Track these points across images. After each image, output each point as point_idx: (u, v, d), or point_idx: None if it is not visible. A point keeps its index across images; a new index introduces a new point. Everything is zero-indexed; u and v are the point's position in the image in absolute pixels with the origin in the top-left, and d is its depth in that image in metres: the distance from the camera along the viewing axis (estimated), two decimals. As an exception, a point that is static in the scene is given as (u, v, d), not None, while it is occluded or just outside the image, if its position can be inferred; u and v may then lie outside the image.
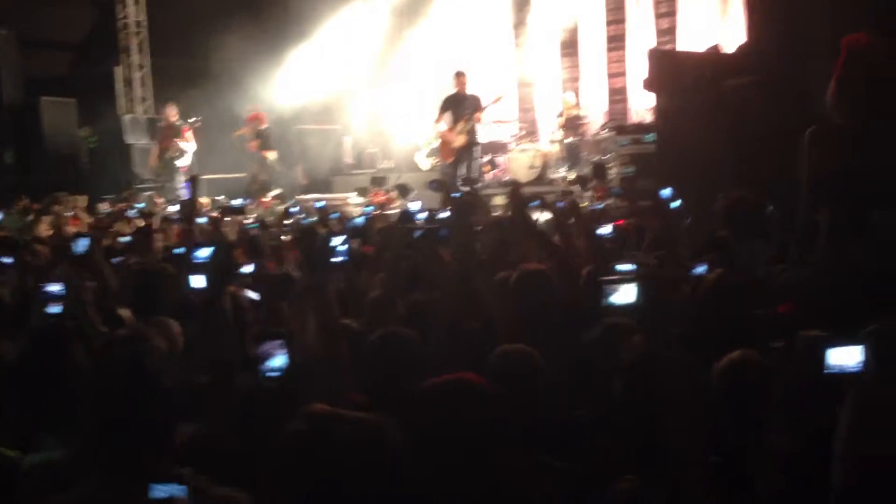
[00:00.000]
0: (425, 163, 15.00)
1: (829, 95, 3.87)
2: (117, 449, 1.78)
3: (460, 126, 11.00)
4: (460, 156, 11.09)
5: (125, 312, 3.25)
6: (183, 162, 12.52)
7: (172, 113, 12.47)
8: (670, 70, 8.39)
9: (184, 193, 12.74)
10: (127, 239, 6.04)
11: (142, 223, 7.82)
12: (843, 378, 1.72)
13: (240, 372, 2.28)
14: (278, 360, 2.03)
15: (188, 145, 12.54)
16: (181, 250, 4.44)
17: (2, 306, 3.80)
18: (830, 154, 3.91)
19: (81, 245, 3.43)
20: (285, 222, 6.60)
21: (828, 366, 1.72)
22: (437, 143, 13.19)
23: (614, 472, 2.08)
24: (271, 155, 12.48)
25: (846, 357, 1.72)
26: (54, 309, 2.86)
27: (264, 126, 12.53)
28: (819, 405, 1.75)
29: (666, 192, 4.96)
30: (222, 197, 11.58)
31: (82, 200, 9.23)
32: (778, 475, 1.74)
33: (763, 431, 1.91)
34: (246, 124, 12.49)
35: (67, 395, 2.08)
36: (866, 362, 1.68)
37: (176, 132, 12.34)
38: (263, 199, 10.80)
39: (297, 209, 6.38)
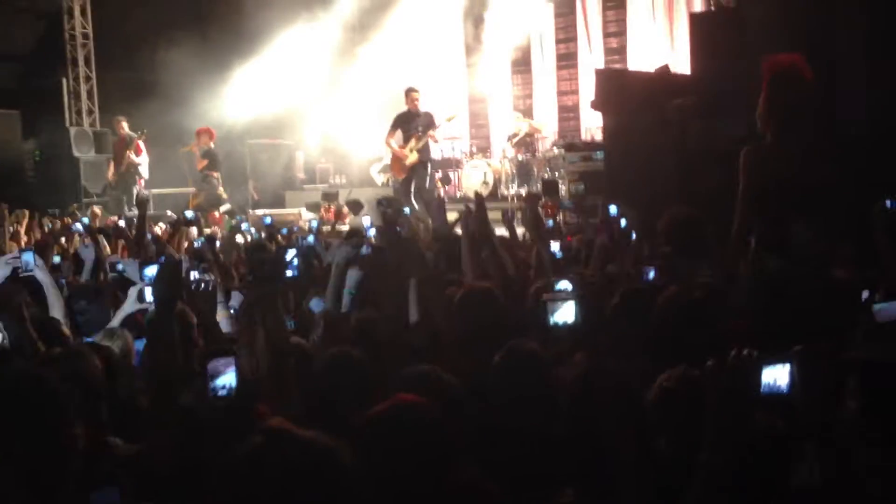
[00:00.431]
0: (379, 178, 15.03)
1: (758, 115, 4.01)
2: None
3: (412, 143, 11.04)
4: (412, 172, 11.11)
5: (65, 330, 3.20)
6: (141, 174, 12.57)
7: (123, 126, 12.47)
8: (618, 89, 8.54)
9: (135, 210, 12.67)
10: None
11: (87, 239, 7.69)
12: (776, 398, 1.75)
13: (185, 389, 2.27)
14: (227, 378, 2.00)
15: (142, 157, 12.58)
16: (121, 268, 4.39)
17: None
18: (762, 171, 4.04)
19: (26, 261, 3.34)
20: (237, 238, 6.55)
21: (763, 385, 1.75)
22: (388, 160, 13.23)
23: (554, 486, 2.12)
24: (216, 175, 12.36)
25: (779, 376, 1.75)
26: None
27: (211, 145, 12.43)
28: (751, 424, 1.77)
29: (612, 208, 5.06)
30: (168, 211, 11.45)
31: (24, 215, 9.00)
32: (709, 494, 1.77)
33: (696, 449, 1.96)
34: (194, 139, 12.38)
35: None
36: (792, 384, 1.72)
37: (128, 145, 12.38)
38: (214, 214, 10.69)
39: (246, 225, 6.35)
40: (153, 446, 1.96)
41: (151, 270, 2.94)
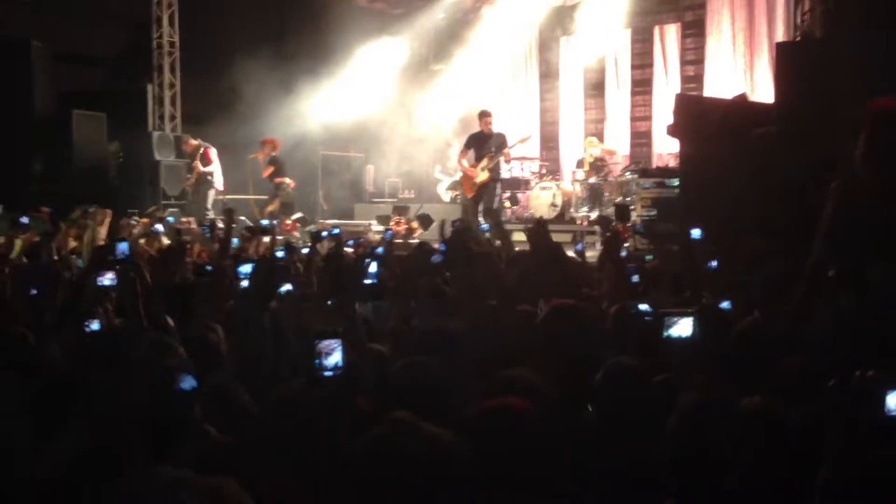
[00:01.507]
0: (446, 195, 15.13)
1: (857, 154, 3.92)
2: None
3: (484, 162, 11.09)
4: (481, 191, 11.16)
5: (168, 320, 3.29)
6: (216, 183, 12.98)
7: (190, 142, 13.06)
8: (696, 115, 8.44)
9: (212, 214, 13.05)
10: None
11: (166, 240, 7.90)
12: None
13: (273, 384, 2.31)
14: (335, 358, 2.03)
15: (213, 166, 13.00)
16: (209, 268, 4.49)
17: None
18: (852, 206, 3.94)
19: (121, 249, 3.44)
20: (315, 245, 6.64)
21: (888, 408, 1.70)
22: (458, 177, 13.31)
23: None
24: (287, 181, 12.66)
25: None
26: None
27: (276, 153, 12.72)
28: (877, 447, 1.73)
29: (696, 232, 4.98)
30: (243, 218, 11.70)
31: (107, 214, 9.30)
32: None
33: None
34: (260, 148, 12.70)
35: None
36: None
37: (194, 156, 12.84)
38: (286, 222, 10.89)
39: (325, 233, 6.44)
40: (253, 436, 2.00)
41: (246, 268, 3.02)
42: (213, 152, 13.13)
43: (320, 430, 1.97)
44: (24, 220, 7.39)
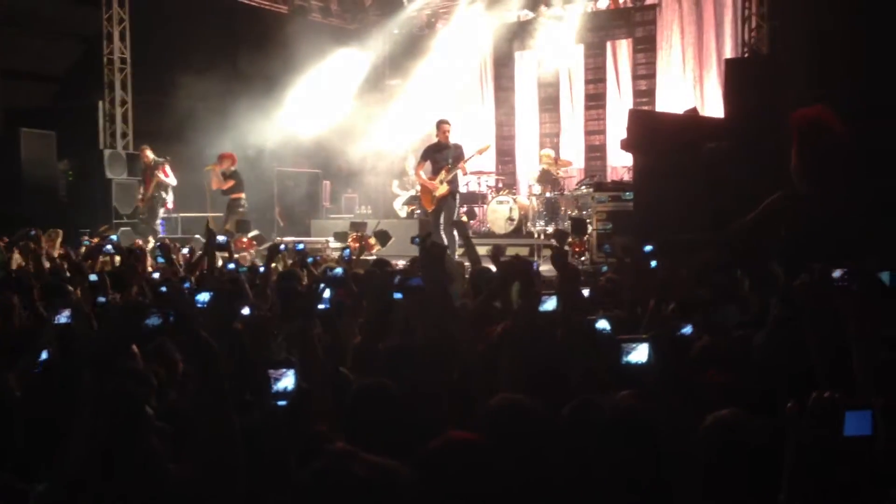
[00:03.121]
0: (402, 211, 15.13)
1: (792, 168, 4.03)
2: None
3: (442, 174, 11.10)
4: (441, 204, 11.17)
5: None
6: (166, 199, 12.90)
7: (147, 154, 12.84)
8: (649, 130, 8.58)
9: (160, 231, 12.88)
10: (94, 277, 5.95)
11: (116, 259, 7.76)
12: (859, 442, 1.70)
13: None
14: (286, 382, 2.01)
15: (170, 179, 12.88)
16: (164, 288, 4.42)
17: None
18: (793, 221, 4.04)
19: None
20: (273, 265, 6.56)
21: (847, 429, 1.70)
22: (415, 191, 13.32)
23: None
24: (242, 198, 12.54)
25: (861, 422, 1.70)
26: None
27: (234, 167, 12.59)
28: (835, 470, 1.74)
29: (648, 248, 5.05)
30: (197, 235, 11.55)
31: (58, 234, 9.13)
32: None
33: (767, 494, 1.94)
34: (218, 162, 12.56)
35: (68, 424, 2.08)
36: (875, 427, 1.68)
37: (153, 171, 12.72)
38: (242, 239, 10.77)
39: (283, 247, 6.39)
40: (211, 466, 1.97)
41: (203, 296, 2.98)
42: (168, 169, 13.00)
43: (273, 460, 1.95)
44: None
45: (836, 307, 2.44)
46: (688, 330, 3.30)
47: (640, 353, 2.53)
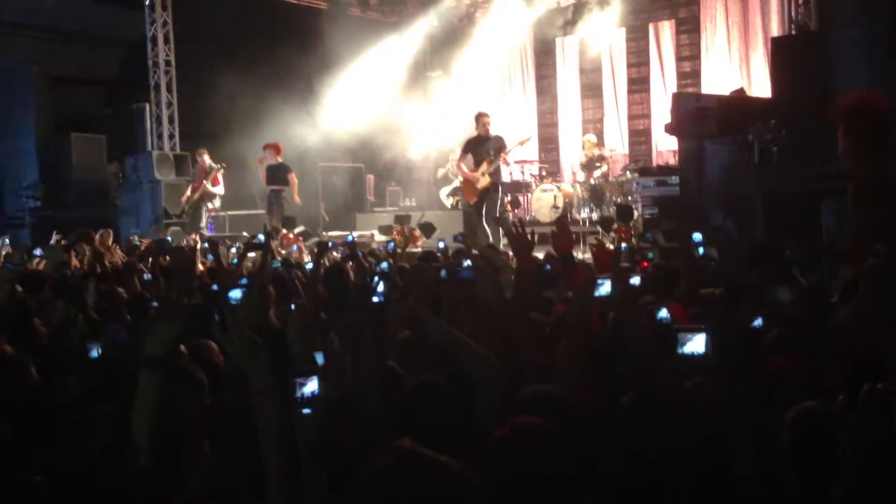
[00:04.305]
0: (448, 201, 15.12)
1: (841, 153, 3.93)
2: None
3: (484, 166, 11.07)
4: (484, 195, 11.14)
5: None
6: (214, 204, 13.01)
7: (205, 158, 12.92)
8: (694, 112, 8.44)
9: (208, 231, 13.05)
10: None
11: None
12: None
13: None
14: (311, 387, 2.01)
15: (219, 188, 12.99)
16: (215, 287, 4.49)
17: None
18: (877, 202, 3.92)
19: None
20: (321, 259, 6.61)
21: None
22: (458, 183, 13.30)
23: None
24: (284, 192, 12.54)
25: None
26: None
27: (279, 159, 12.63)
28: (888, 461, 1.69)
29: (697, 236, 4.97)
30: (244, 233, 11.70)
31: (109, 235, 9.35)
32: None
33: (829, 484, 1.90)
34: (264, 152, 12.65)
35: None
36: None
37: (207, 175, 12.81)
38: (288, 235, 10.87)
39: (331, 244, 6.42)
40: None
41: (236, 293, 3.01)
42: (220, 176, 13.06)
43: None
44: (38, 252, 7.37)
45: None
46: (758, 323, 3.23)
47: (696, 344, 2.47)
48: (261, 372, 2.05)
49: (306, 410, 1.98)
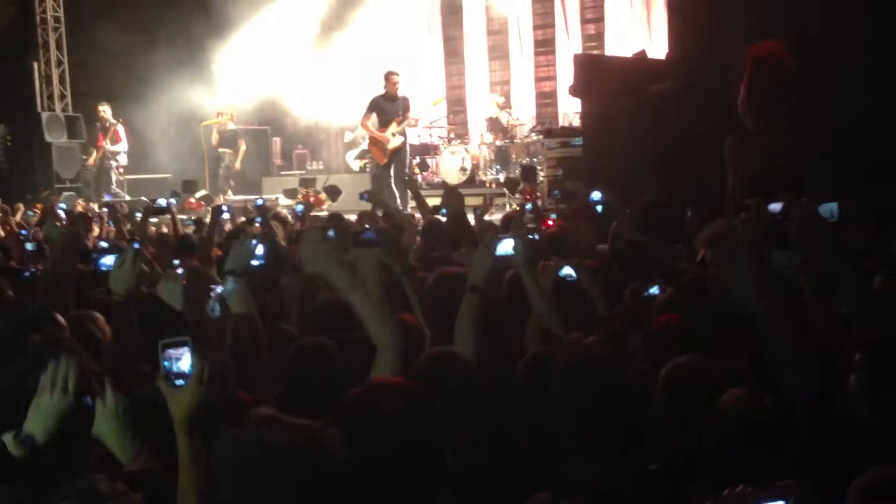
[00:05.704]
0: (356, 164, 14.96)
1: (739, 104, 4.01)
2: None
3: (393, 127, 10.95)
4: (394, 157, 11.05)
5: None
6: (119, 161, 12.56)
7: (105, 113, 12.41)
8: (596, 75, 8.51)
9: (115, 195, 12.60)
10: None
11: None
12: None
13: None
14: (184, 364, 1.94)
15: (120, 145, 12.55)
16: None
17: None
18: (748, 163, 4.03)
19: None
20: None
21: None
22: (366, 145, 13.15)
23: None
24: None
25: None
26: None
27: (230, 125, 12.52)
28: None
29: (595, 195, 5.03)
30: (143, 198, 11.32)
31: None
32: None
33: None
34: (216, 117, 12.41)
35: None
36: None
37: (106, 133, 12.38)
38: (190, 200, 10.58)
39: (227, 212, 6.29)
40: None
41: (109, 260, 2.91)
42: (121, 130, 12.62)
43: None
44: None
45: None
46: (655, 290, 3.31)
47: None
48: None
49: (179, 382, 1.92)
